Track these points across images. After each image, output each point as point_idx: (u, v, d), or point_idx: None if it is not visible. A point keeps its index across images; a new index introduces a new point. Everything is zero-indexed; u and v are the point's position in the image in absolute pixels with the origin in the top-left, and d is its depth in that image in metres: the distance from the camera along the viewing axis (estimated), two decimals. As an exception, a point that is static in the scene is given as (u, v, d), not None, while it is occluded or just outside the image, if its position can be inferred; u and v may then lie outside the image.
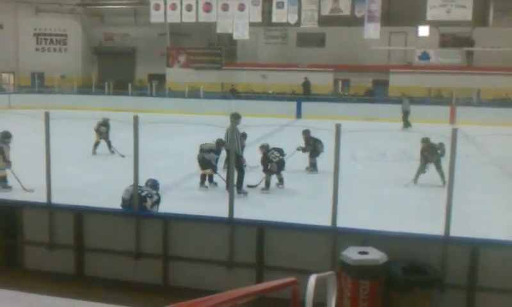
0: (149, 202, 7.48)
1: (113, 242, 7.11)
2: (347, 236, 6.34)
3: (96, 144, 15.71)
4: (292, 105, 28.37)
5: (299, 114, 28.00)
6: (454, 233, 6.30)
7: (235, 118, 11.40)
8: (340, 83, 32.71)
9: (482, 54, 30.34)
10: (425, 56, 30.85)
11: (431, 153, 11.99)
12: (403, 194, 11.84)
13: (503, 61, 29.22)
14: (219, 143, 11.87)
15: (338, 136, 6.43)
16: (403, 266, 5.99)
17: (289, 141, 14.18)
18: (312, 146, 13.63)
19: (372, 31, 28.31)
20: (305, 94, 30.81)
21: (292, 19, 29.45)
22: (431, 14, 28.60)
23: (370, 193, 11.86)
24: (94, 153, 15.66)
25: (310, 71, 32.12)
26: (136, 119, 6.91)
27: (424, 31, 30.75)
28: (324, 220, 6.55)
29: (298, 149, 13.76)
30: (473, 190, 11.66)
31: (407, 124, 23.49)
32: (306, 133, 13.87)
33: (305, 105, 28.23)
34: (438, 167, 11.85)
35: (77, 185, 11.31)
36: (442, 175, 11.58)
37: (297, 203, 10.90)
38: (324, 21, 29.66)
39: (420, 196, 11.67)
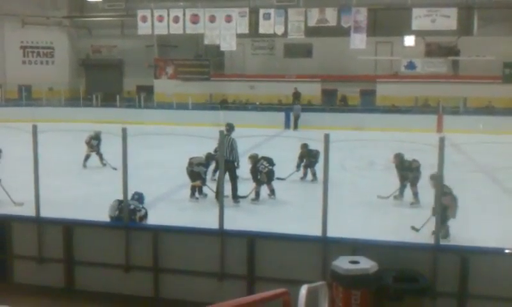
0: (137, 215, 7.44)
1: (103, 255, 7.08)
2: (338, 246, 6.37)
3: (87, 157, 15.62)
4: (281, 115, 28.45)
5: (287, 125, 28.08)
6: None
7: (230, 127, 11.76)
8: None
9: (468, 62, 30.60)
10: (411, 66, 31.06)
11: (404, 170, 11.69)
12: (393, 202, 11.90)
13: (488, 70, 29.51)
14: (209, 157, 11.94)
15: (327, 146, 6.47)
16: (394, 275, 6.01)
17: (278, 152, 14.23)
18: (312, 158, 13.63)
19: (359, 41, 28.49)
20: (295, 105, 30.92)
21: (279, 30, 29.56)
22: (416, 24, 28.83)
23: (359, 202, 11.91)
24: (84, 166, 15.58)
25: (298, 82, 32.24)
26: (124, 131, 6.90)
27: (409, 40, 30.97)
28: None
29: (297, 168, 13.98)
30: (461, 198, 11.75)
31: (296, 127, 26.78)
32: (303, 147, 13.90)
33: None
34: (413, 185, 11.55)
35: (66, 198, 11.25)
36: (415, 195, 11.49)
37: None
38: (310, 32, 29.81)
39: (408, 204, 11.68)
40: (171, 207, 11.20)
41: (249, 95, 32.94)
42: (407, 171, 11.48)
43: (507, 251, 6.73)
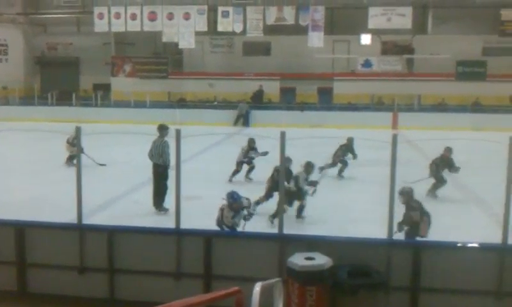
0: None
1: (57, 256, 6.94)
2: (294, 243, 6.42)
3: (72, 158, 14.82)
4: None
5: (247, 123, 28.11)
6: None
7: (163, 129, 10.88)
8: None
9: (422, 60, 31.29)
10: (367, 64, 31.56)
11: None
12: (352, 198, 12.08)
13: (441, 68, 30.24)
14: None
15: (283, 144, 6.51)
16: (349, 270, 6.11)
17: (237, 150, 14.26)
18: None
19: (316, 39, 28.76)
20: (258, 103, 31.02)
21: (238, 28, 29.55)
22: (372, 22, 29.29)
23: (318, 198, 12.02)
24: (69, 165, 14.78)
25: (257, 80, 32.31)
26: (78, 130, 6.80)
27: (365, 39, 31.42)
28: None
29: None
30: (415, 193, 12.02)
31: (236, 123, 27.34)
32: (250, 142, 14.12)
33: (254, 114, 28.39)
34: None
35: (21, 199, 10.97)
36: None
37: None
38: (269, 30, 29.93)
39: (368, 199, 11.81)
40: (130, 207, 11.06)
41: (208, 93, 32.83)
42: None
43: (458, 245, 6.93)
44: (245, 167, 14.27)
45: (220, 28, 29.81)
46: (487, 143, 9.11)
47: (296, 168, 10.45)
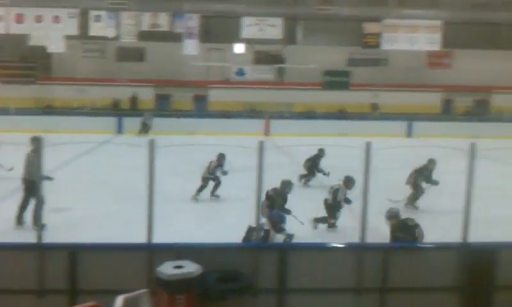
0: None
1: None
2: (164, 252, 6.38)
3: None
4: (113, 120, 27.70)
5: (120, 130, 27.45)
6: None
7: (34, 142, 9.94)
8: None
9: (293, 70, 32.58)
10: (241, 72, 32.29)
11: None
12: (223, 205, 12.25)
13: (310, 77, 31.72)
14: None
15: (152, 152, 6.44)
16: (218, 276, 6.19)
17: (110, 159, 13.91)
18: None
19: (191, 47, 28.87)
20: (132, 110, 30.36)
21: (111, 33, 28.82)
22: (246, 32, 30.02)
23: (190, 206, 12.06)
24: None
25: (131, 86, 31.70)
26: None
27: (239, 48, 32.15)
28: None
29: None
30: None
31: (141, 131, 26.32)
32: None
33: (127, 121, 27.79)
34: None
35: None
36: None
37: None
38: (143, 36, 29.52)
39: (239, 205, 12.00)
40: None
41: (79, 99, 31.60)
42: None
43: (322, 246, 7.34)
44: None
45: (92, 33, 28.84)
46: (350, 148, 9.73)
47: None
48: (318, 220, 10.53)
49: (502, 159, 12.31)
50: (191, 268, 5.99)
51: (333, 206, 10.52)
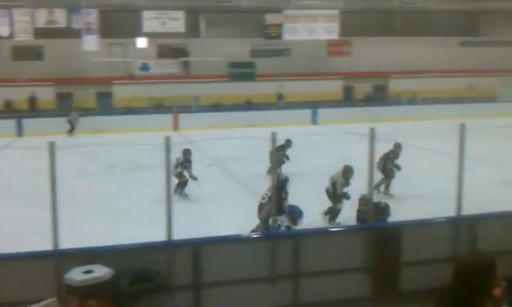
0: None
1: None
2: (72, 258, 6.16)
3: None
4: (11, 123, 26.21)
5: (20, 132, 26.07)
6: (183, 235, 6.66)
7: None
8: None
9: (198, 63, 32.44)
10: (145, 67, 31.73)
11: None
12: (133, 203, 12.02)
13: (216, 70, 31.74)
14: None
15: (53, 154, 6.17)
16: (130, 277, 6.07)
17: (12, 163, 13.22)
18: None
19: (91, 42, 28.03)
20: (33, 111, 28.92)
21: (4, 31, 27.33)
22: (147, 26, 29.59)
23: (99, 207, 11.74)
24: None
25: (28, 86, 30.19)
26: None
27: (141, 42, 31.49)
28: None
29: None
30: (198, 191, 12.51)
31: (70, 132, 25.10)
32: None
33: (27, 122, 26.37)
34: None
35: None
36: None
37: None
38: (40, 33, 28.22)
39: (150, 203, 11.80)
40: None
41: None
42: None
43: (237, 238, 7.40)
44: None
45: (-17, 32, 27.25)
46: (257, 139, 9.89)
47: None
48: (327, 212, 10.42)
49: (403, 141, 12.94)
50: (101, 272, 5.82)
51: (334, 196, 10.52)
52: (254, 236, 8.10)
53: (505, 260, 4.36)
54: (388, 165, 12.49)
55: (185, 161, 12.79)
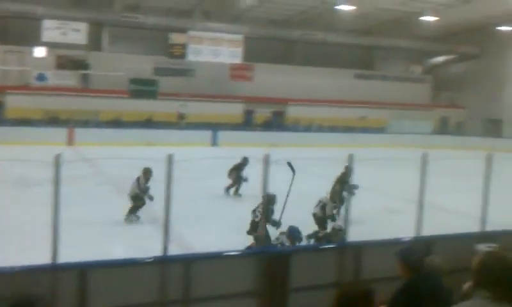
0: None
1: None
2: None
3: None
4: None
5: None
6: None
7: None
8: None
9: (99, 77, 31.64)
10: (42, 77, 30.45)
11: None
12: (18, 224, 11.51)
13: (117, 85, 31.10)
14: None
15: None
16: (11, 303, 5.82)
17: None
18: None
19: (-16, 49, 26.55)
20: None
21: None
22: (47, 35, 28.54)
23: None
24: None
25: None
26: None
27: (40, 51, 30.24)
28: None
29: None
30: (87, 211, 12.23)
31: None
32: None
33: None
34: None
35: None
36: None
37: None
38: None
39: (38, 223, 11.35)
40: None
41: None
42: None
43: (128, 260, 7.31)
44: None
45: None
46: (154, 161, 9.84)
47: None
48: (311, 236, 10.46)
49: (297, 168, 13.43)
50: (-22, 297, 5.56)
51: (323, 219, 10.82)
52: (146, 260, 8.01)
53: (387, 286, 4.78)
54: (345, 188, 12.03)
55: (146, 181, 12.30)
